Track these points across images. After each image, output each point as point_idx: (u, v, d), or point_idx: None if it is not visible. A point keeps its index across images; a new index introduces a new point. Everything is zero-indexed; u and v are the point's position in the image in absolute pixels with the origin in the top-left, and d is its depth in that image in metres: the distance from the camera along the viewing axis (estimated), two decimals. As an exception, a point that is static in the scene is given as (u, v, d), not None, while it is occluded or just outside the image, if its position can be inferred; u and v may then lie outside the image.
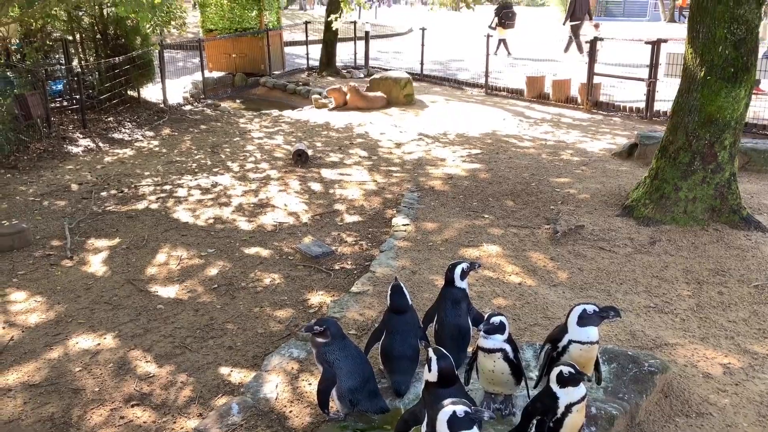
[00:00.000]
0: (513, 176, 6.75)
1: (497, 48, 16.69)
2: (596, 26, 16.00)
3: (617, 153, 7.49)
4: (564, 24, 16.11)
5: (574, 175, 6.72)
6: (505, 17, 16.66)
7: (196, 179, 7.05)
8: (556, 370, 2.42)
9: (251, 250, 5.16)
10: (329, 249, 5.07)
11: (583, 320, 2.66)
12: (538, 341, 3.47)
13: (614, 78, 10.62)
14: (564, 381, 2.39)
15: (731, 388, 3.22)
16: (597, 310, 2.66)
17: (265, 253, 5.11)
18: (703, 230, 5.05)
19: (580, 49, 15.75)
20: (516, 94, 11.74)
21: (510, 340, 2.71)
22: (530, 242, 5.00)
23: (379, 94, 11.19)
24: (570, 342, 2.68)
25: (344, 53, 16.50)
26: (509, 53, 16.65)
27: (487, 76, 12.33)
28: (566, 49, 15.95)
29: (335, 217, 5.86)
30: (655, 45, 9.29)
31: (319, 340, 2.80)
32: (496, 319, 2.67)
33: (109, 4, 10.19)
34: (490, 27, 16.93)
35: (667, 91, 9.31)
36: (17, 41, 10.13)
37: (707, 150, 5.11)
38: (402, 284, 3.05)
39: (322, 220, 5.78)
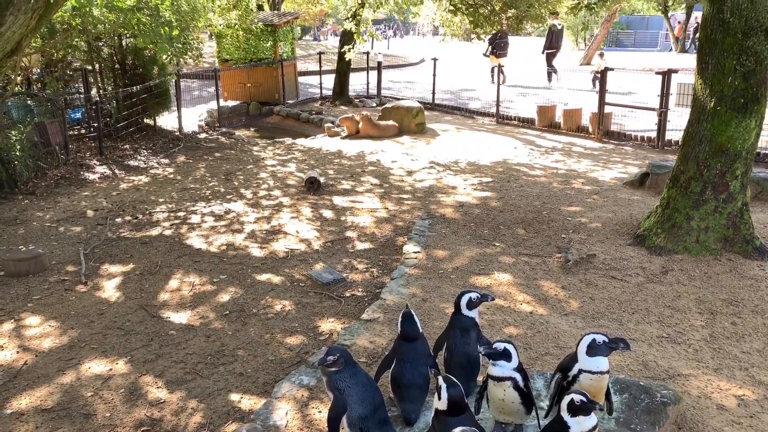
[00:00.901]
0: (524, 205, 6.76)
1: (492, 76, 17.08)
2: (601, 56, 16.19)
3: (629, 182, 7.49)
4: (542, 53, 16.45)
5: (586, 204, 6.73)
6: (497, 47, 16.95)
7: (209, 206, 7.12)
8: (567, 399, 2.40)
9: (263, 277, 5.19)
10: (340, 276, 5.08)
11: (593, 350, 2.65)
12: (549, 370, 3.44)
13: (625, 107, 10.68)
14: (575, 409, 2.37)
15: (746, 420, 3.17)
16: (606, 340, 2.65)
17: (276, 279, 5.13)
18: (715, 260, 5.02)
19: (549, 77, 16.29)
20: (527, 123, 11.80)
21: (520, 369, 2.70)
22: (541, 271, 4.99)
23: (391, 122, 11.31)
24: (580, 371, 2.66)
25: (357, 83, 16.73)
26: (503, 81, 16.92)
27: (498, 105, 12.43)
28: (549, 79, 16.36)
29: (346, 244, 5.88)
30: (666, 75, 9.36)
31: (331, 368, 2.80)
32: (499, 345, 2.66)
33: (128, 35, 10.46)
34: (484, 55, 17.29)
35: (679, 120, 9.34)
36: (39, 71, 10.40)
37: (718, 179, 5.11)
38: (412, 312, 3.06)
39: (334, 247, 5.80)
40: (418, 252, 5.41)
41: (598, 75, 15.31)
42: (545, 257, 5.26)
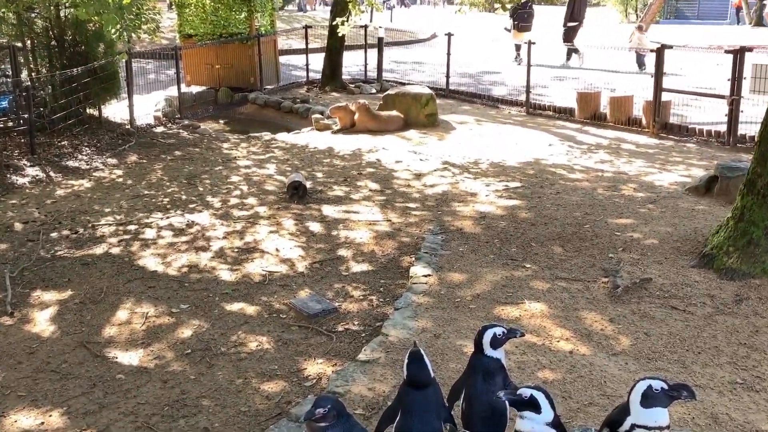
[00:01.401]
0: (561, 216, 6.77)
1: (517, 55, 17.36)
2: (640, 29, 16.36)
3: (692, 188, 7.50)
4: (563, 26, 16.77)
5: (639, 215, 6.74)
6: (520, 18, 17.12)
7: (167, 217, 7.15)
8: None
9: (234, 307, 5.19)
10: (331, 306, 5.09)
11: (649, 399, 2.64)
12: (594, 425, 3.44)
13: (687, 95, 10.71)
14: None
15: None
16: (666, 387, 2.64)
17: (251, 310, 5.14)
18: (802, 286, 5.01)
19: (568, 57, 16.77)
20: (565, 113, 11.84)
21: (556, 424, 2.70)
22: (583, 299, 4.99)
23: (394, 113, 11.36)
24: (633, 426, 2.66)
25: (352, 64, 16.81)
26: (519, 59, 17.27)
27: (528, 91, 12.49)
28: (568, 58, 16.73)
29: (339, 265, 5.89)
30: (738, 54, 9.40)
31: (320, 423, 2.79)
32: (525, 392, 2.65)
33: (67, 5, 10.52)
34: (505, 29, 17.53)
35: (754, 110, 9.36)
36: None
37: (805, 185, 5.12)
38: (422, 351, 3.05)
39: (323, 269, 5.82)
40: (429, 275, 5.41)
41: (643, 53, 15.72)
42: (588, 282, 5.26)
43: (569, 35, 17.13)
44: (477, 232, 6.44)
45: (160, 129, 11.58)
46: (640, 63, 16.02)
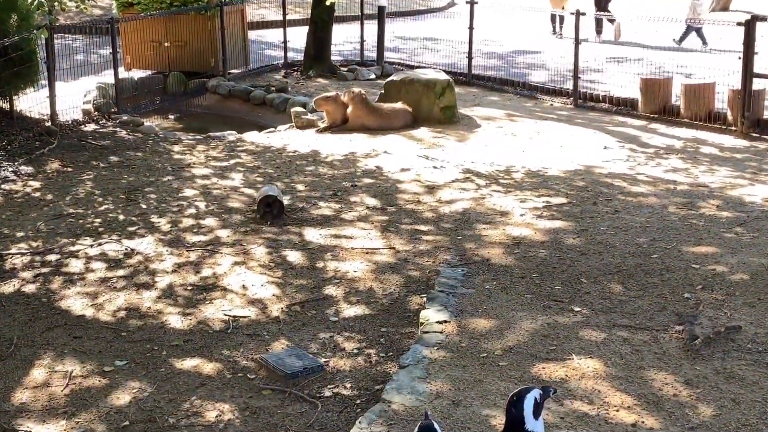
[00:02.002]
0: (621, 243, 6.75)
1: (554, 27, 17.90)
2: None
3: (794, 205, 7.48)
4: None
5: (724, 242, 6.72)
6: None
7: (99, 244, 7.12)
8: None
9: (186, 364, 5.15)
10: (315, 362, 5.06)
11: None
12: None
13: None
14: None
15: None
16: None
17: (208, 368, 5.10)
18: None
19: (598, 29, 17.40)
20: (625, 106, 11.85)
21: None
22: (651, 354, 4.96)
23: (399, 105, 11.36)
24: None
25: (344, 40, 16.84)
26: (557, 33, 17.78)
27: (576, 77, 12.50)
28: (598, 33, 17.29)
29: (326, 307, 5.86)
30: None
31: None
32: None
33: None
34: None
35: None
36: None
37: None
38: (436, 425, 3.03)
39: (304, 314, 5.78)
40: (446, 321, 5.38)
41: (698, 25, 15.89)
42: (657, 331, 5.22)
43: (601, 2, 17.45)
44: (509, 263, 6.40)
45: (90, 127, 11.56)
46: (701, 38, 16.28)
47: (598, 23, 17.41)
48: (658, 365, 4.83)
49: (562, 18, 17.96)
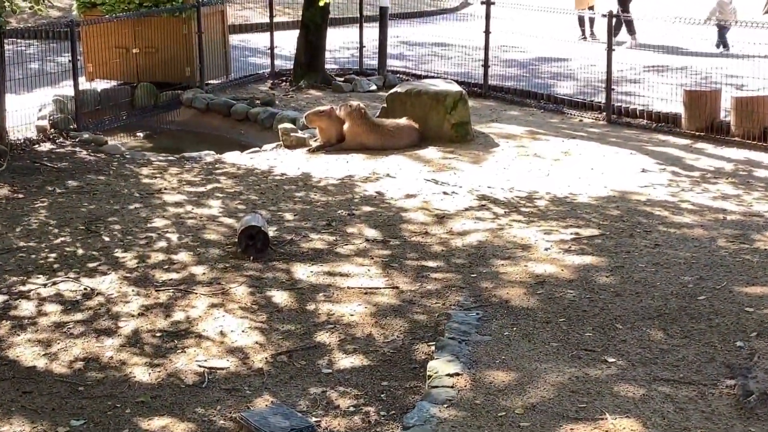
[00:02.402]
0: (662, 282, 6.72)
1: (583, 30, 18.14)
2: None
3: None
4: None
5: (782, 281, 6.68)
6: None
7: (54, 283, 7.08)
8: None
9: (154, 423, 5.11)
10: (304, 422, 4.98)
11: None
12: None
13: None
14: None
15: None
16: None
17: (180, 428, 5.06)
18: None
19: (615, 30, 17.14)
20: (666, 122, 11.84)
21: None
22: (698, 413, 4.90)
23: (404, 122, 11.34)
24: None
25: (341, 46, 16.89)
26: (587, 36, 17.96)
27: (609, 88, 12.49)
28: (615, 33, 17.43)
29: (317, 357, 5.83)
30: None
31: None
32: None
33: None
34: None
35: None
36: None
37: None
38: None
39: (292, 365, 5.74)
40: (458, 374, 5.33)
41: (726, 26, 16.00)
42: (704, 386, 5.18)
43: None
44: (532, 306, 6.36)
45: (46, 146, 11.55)
46: (723, 41, 16.52)
47: (629, 25, 17.52)
48: (706, 426, 4.76)
49: (592, 20, 18.06)
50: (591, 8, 17.71)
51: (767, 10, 21.97)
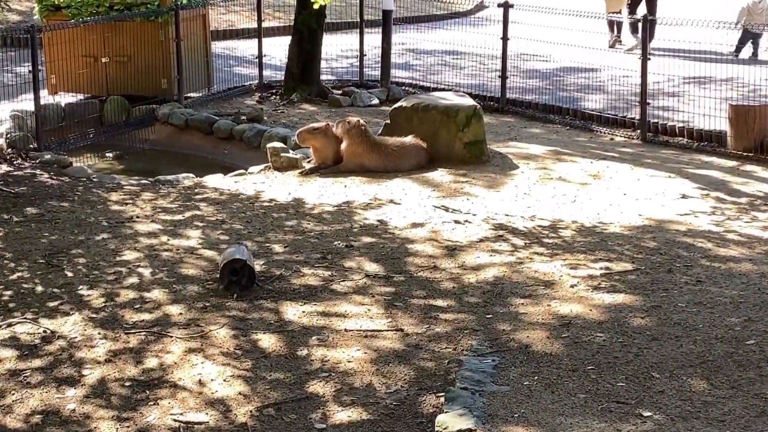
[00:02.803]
0: (705, 324, 6.70)
1: (611, 35, 18.37)
2: None
3: None
4: None
5: (843, 323, 6.67)
6: None
7: (9, 325, 7.07)
8: None
9: (122, 487, 5.08)
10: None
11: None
12: None
13: None
14: None
15: None
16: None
17: (151, 492, 5.04)
18: None
19: (633, 30, 17.81)
20: (709, 142, 11.90)
21: None
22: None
23: (410, 140, 11.37)
24: None
25: (338, 55, 16.89)
26: (617, 39, 18.18)
27: (644, 103, 12.53)
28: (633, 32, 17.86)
29: (310, 411, 5.81)
30: None
31: None
32: None
33: None
34: None
35: None
36: None
37: None
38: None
39: (281, 419, 5.73)
40: (470, 430, 5.28)
41: (758, 30, 16.11)
42: (756, 444, 5.14)
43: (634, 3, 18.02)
44: (556, 351, 6.35)
45: (2, 168, 11.56)
46: (748, 44, 16.87)
47: (632, 28, 17.86)
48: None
49: (620, 25, 18.17)
50: (620, 12, 17.86)
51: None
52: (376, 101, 14.73)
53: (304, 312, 7.18)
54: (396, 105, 12.18)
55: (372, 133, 11.44)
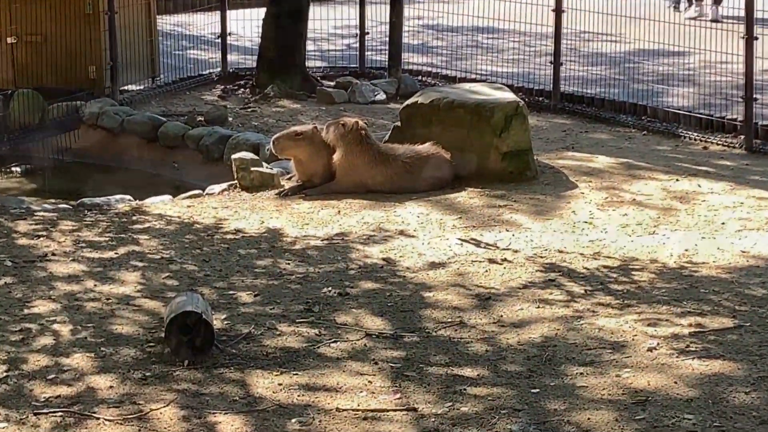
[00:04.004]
0: (837, 403, 6.68)
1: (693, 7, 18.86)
2: None
3: None
4: None
5: None
6: None
7: None
8: None
9: None
10: None
11: None
12: None
13: None
14: None
15: None
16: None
17: None
18: None
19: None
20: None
21: None
22: None
23: (427, 149, 11.41)
24: None
25: (330, 33, 17.00)
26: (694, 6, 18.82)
27: (750, 98, 12.50)
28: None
29: None
30: None
31: None
32: None
33: None
34: None
35: None
36: None
37: None
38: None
39: None
40: None
41: None
42: None
43: None
44: (627, 439, 6.32)
45: None
46: None
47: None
48: None
49: None
50: None
51: None
52: (382, 96, 14.77)
53: (280, 385, 7.14)
54: (409, 101, 12.20)
55: (376, 140, 11.45)
